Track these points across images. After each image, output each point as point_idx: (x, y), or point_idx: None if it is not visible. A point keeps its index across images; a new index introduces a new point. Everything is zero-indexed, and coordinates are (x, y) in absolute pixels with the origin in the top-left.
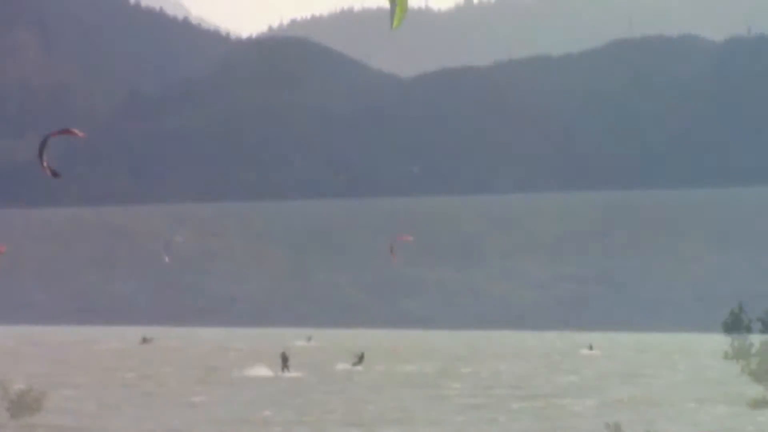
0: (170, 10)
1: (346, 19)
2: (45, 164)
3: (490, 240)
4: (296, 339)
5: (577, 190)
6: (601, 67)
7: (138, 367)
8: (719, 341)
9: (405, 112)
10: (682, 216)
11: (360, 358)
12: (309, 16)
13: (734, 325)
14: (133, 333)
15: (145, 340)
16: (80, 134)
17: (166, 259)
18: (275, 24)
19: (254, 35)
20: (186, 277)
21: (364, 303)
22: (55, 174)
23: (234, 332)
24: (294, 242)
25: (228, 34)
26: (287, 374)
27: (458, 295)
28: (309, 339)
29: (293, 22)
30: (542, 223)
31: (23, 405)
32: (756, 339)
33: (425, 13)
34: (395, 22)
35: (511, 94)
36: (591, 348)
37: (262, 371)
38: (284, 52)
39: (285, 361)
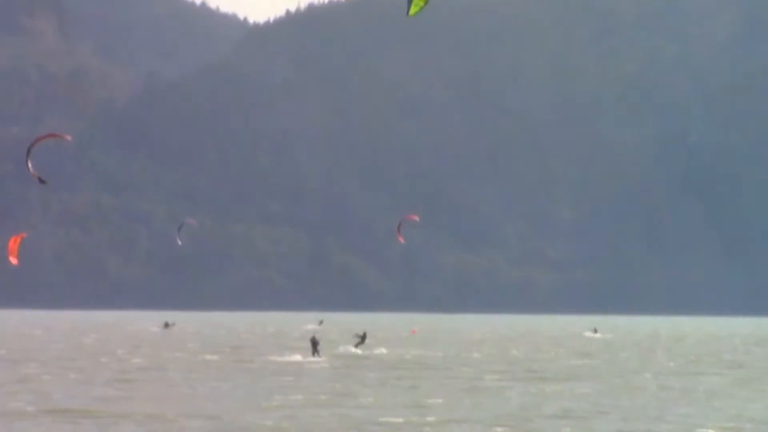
0: None
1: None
2: (31, 171)
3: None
4: (307, 323)
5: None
6: None
7: (173, 351)
8: None
9: None
10: None
11: (362, 338)
12: (327, 1)
13: None
14: (148, 318)
15: (167, 325)
16: (68, 138)
17: (179, 242)
18: (293, 8)
19: (272, 20)
20: (203, 262)
21: (382, 287)
22: (41, 181)
23: (253, 316)
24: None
25: (245, 19)
26: (317, 358)
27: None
28: (320, 323)
29: (311, 6)
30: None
31: None
32: None
33: None
34: (413, 9)
35: None
36: (595, 331)
37: (294, 356)
38: (301, 38)
39: (315, 345)
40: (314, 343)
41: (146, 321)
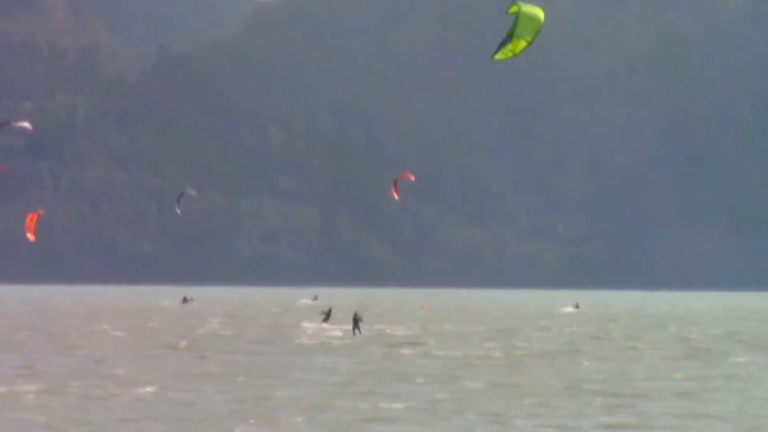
0: None
1: None
2: None
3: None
4: (301, 298)
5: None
6: None
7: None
8: None
9: None
10: None
11: (328, 315)
12: None
13: None
14: (161, 293)
15: (185, 300)
16: (27, 125)
17: (178, 211)
18: None
19: None
20: (213, 237)
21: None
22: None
23: (266, 291)
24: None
25: None
26: (358, 335)
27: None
28: (315, 298)
29: None
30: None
31: None
32: None
33: None
34: (498, 55)
35: None
36: (577, 307)
37: (334, 332)
38: (312, 13)
39: (357, 322)
40: (356, 320)
41: (162, 296)
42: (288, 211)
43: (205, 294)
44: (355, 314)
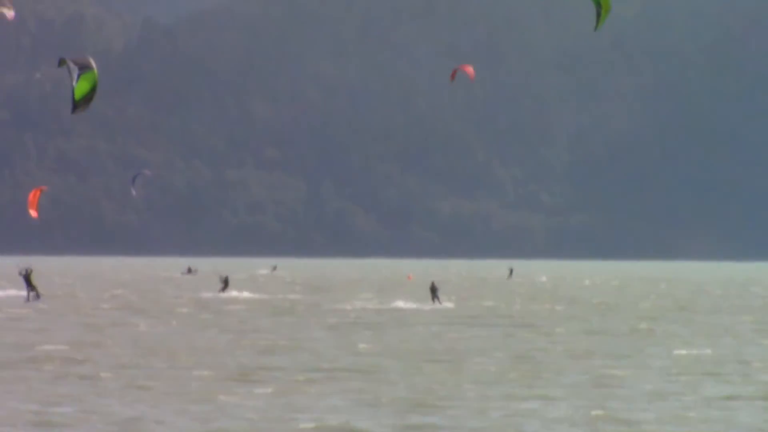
0: None
1: None
2: None
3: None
4: (260, 268)
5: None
6: None
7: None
8: None
9: None
10: None
11: (225, 284)
12: None
13: None
14: (154, 264)
15: (190, 271)
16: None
17: (133, 193)
18: None
19: None
20: (199, 208)
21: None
22: None
23: (250, 262)
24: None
25: None
26: (438, 305)
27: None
28: (274, 268)
29: None
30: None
31: None
32: None
33: None
34: (599, 25)
35: None
36: (510, 273)
37: (401, 303)
38: None
39: (434, 292)
40: (434, 290)
41: (165, 267)
42: (273, 182)
43: (209, 264)
44: (432, 284)
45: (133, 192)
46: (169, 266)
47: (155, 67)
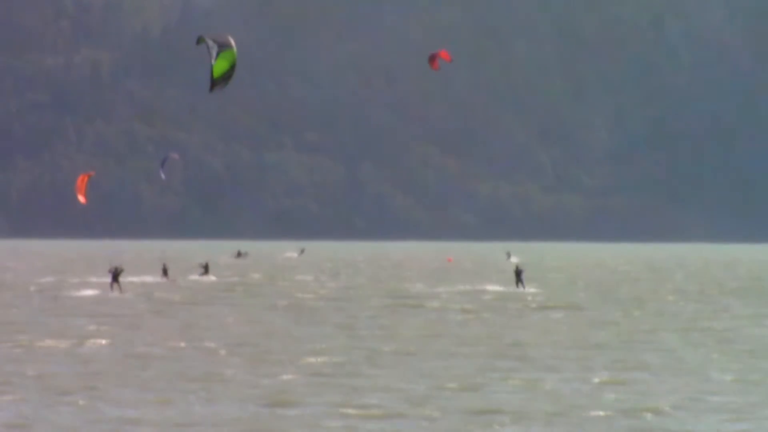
0: None
1: None
2: None
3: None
4: (288, 250)
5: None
6: None
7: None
8: None
9: None
10: None
11: (206, 269)
12: None
13: None
14: (191, 248)
15: (240, 254)
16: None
17: (162, 176)
18: None
19: None
20: (238, 192)
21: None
22: None
23: (292, 245)
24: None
25: None
26: (521, 289)
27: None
28: (302, 252)
29: None
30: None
31: None
32: None
33: None
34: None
35: None
36: (509, 256)
37: (492, 287)
38: None
39: (519, 275)
40: (518, 273)
41: (215, 251)
42: (313, 164)
43: (254, 249)
44: (517, 267)
45: (162, 175)
46: (216, 250)
47: (194, 50)
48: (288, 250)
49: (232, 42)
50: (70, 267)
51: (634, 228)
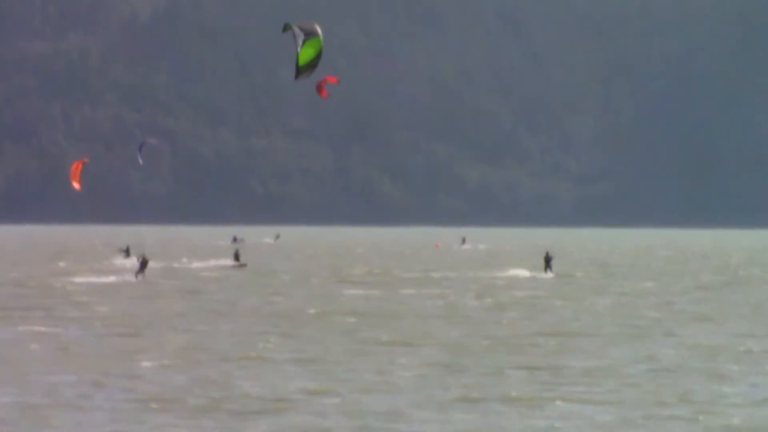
0: None
1: None
2: None
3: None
4: (264, 236)
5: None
6: None
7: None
8: None
9: None
10: None
11: (127, 252)
12: None
13: None
14: (182, 233)
15: (236, 240)
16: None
17: (140, 161)
18: None
19: None
20: (226, 177)
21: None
22: None
23: (283, 230)
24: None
25: None
26: (549, 275)
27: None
28: (277, 237)
29: None
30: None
31: None
32: None
33: None
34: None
35: None
36: (464, 242)
37: (520, 272)
38: None
39: (548, 261)
40: (547, 260)
41: (208, 236)
42: (300, 150)
43: (248, 234)
44: (547, 253)
45: (140, 161)
46: (208, 235)
47: (181, 36)
48: (266, 236)
49: (319, 30)
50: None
51: (621, 214)
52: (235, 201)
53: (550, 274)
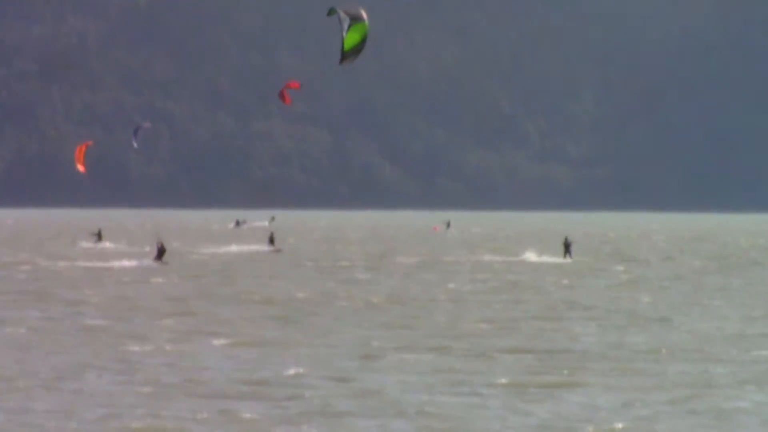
0: None
1: None
2: None
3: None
4: (259, 219)
5: None
6: None
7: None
8: None
9: None
10: None
11: (98, 236)
12: None
13: None
14: (181, 217)
15: (238, 224)
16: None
17: (135, 145)
18: None
19: None
20: (225, 161)
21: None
22: None
23: (284, 214)
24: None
25: None
26: (569, 260)
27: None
28: (272, 219)
29: None
30: None
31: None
32: None
33: None
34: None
35: None
36: (448, 226)
37: (531, 257)
38: None
39: (567, 247)
40: (567, 245)
41: (210, 220)
42: (299, 134)
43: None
44: (566, 239)
45: (135, 144)
46: (208, 219)
47: (180, 19)
48: (259, 219)
49: (364, 15)
50: None
51: (620, 197)
52: (233, 185)
53: (569, 259)
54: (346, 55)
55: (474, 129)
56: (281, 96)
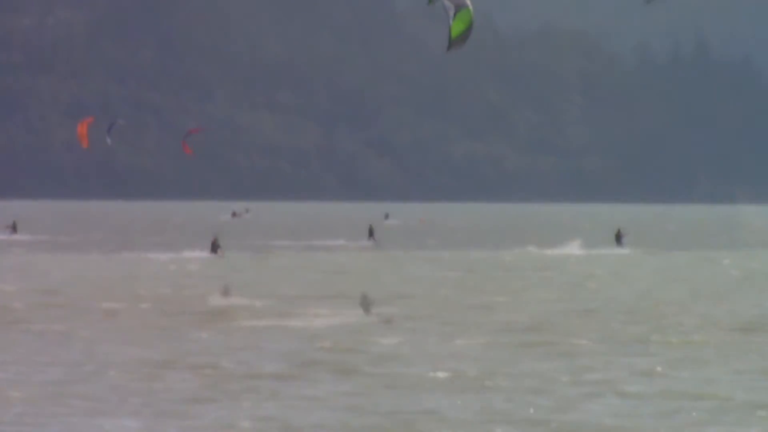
0: None
1: None
2: None
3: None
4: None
5: None
6: None
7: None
8: None
9: None
10: None
11: (13, 228)
12: None
13: None
14: (174, 208)
15: (235, 215)
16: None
17: (108, 141)
18: None
19: None
20: (212, 152)
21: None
22: None
23: (270, 206)
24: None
25: None
26: (624, 251)
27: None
28: (247, 211)
29: None
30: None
31: None
32: None
33: None
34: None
35: None
36: (387, 217)
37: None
38: None
39: (619, 238)
40: (619, 237)
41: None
42: (287, 125)
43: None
44: (618, 230)
45: (108, 141)
46: (201, 210)
47: (168, 11)
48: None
49: (468, 2)
50: None
51: (607, 188)
52: (221, 176)
53: (624, 250)
54: (453, 43)
55: (461, 119)
56: (183, 146)
